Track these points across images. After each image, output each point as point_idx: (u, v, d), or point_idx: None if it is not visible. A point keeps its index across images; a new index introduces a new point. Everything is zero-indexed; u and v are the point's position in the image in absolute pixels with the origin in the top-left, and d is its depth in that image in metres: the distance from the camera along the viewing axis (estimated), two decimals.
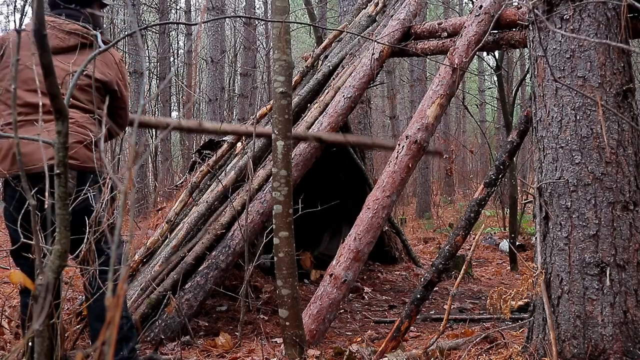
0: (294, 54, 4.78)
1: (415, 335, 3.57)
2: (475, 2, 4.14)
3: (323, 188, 5.43)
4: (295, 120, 4.01)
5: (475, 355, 2.64)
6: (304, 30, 16.38)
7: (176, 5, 14.97)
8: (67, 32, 2.56)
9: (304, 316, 3.05)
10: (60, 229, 1.31)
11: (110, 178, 2.38)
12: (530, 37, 2.60)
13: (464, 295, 5.07)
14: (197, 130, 4.06)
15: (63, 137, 1.27)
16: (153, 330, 3.32)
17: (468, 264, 2.77)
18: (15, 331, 3.02)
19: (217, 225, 3.69)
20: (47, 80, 1.24)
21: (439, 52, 4.33)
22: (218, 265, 3.53)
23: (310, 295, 3.89)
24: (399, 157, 3.50)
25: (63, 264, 1.32)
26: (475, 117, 11.24)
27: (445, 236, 8.61)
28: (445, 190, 16.18)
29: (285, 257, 2.76)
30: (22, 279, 1.59)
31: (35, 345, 1.36)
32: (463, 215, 3.04)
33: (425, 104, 3.64)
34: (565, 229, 2.37)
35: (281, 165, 2.76)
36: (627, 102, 2.38)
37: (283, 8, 2.76)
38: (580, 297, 2.33)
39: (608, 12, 2.38)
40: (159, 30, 12.35)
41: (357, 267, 3.30)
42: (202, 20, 3.22)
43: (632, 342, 2.28)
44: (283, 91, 2.76)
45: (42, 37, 1.21)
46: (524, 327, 2.86)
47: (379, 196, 3.41)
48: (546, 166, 2.46)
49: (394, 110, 14.79)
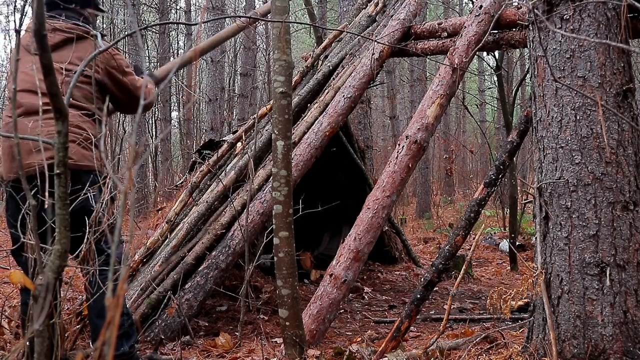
0: (294, 54, 4.78)
1: (415, 335, 3.57)
2: (475, 2, 4.14)
3: (323, 188, 5.43)
4: (295, 120, 4.01)
5: (475, 355, 2.64)
6: (304, 30, 16.37)
7: (176, 5, 14.97)
8: (52, 29, 2.53)
9: (304, 316, 3.05)
10: (60, 229, 1.31)
11: (110, 178, 2.38)
12: (530, 37, 2.60)
13: (464, 295, 5.07)
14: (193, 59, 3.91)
15: (63, 137, 1.27)
16: (153, 330, 3.32)
17: (468, 264, 2.77)
18: (15, 331, 3.02)
19: (217, 225, 3.69)
20: (47, 80, 1.24)
21: (439, 52, 4.32)
22: (218, 265, 3.53)
23: (310, 295, 3.90)
24: (399, 157, 3.50)
25: (63, 264, 1.32)
26: (475, 117, 11.24)
27: (445, 236, 8.61)
28: (445, 190, 16.19)
29: (285, 257, 2.76)
30: (22, 278, 1.59)
31: (35, 345, 1.36)
32: (463, 215, 3.04)
33: (425, 104, 3.64)
34: (565, 229, 2.37)
35: (281, 165, 2.76)
36: (627, 102, 2.38)
37: (283, 8, 2.76)
38: (580, 297, 2.33)
39: (608, 12, 2.38)
40: (159, 30, 12.35)
41: (357, 267, 3.30)
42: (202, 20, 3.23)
43: (632, 342, 2.28)
44: (283, 91, 2.76)
45: (42, 37, 1.21)
46: (524, 327, 2.86)
47: (379, 196, 3.41)
48: (546, 166, 2.46)
49: (394, 110, 14.79)
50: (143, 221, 9.30)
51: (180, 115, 15.82)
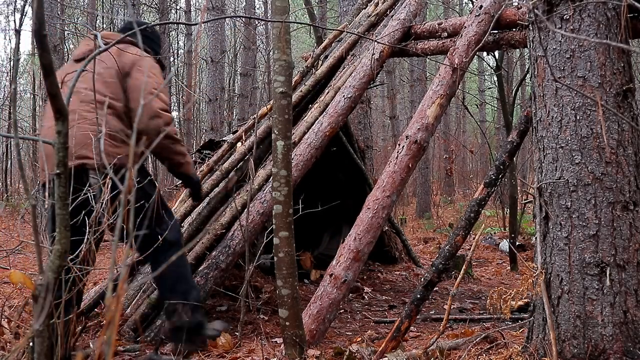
0: (294, 54, 4.78)
1: (415, 335, 3.57)
2: (475, 2, 4.14)
3: (323, 188, 5.43)
4: (295, 120, 4.01)
5: (475, 355, 2.64)
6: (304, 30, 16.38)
7: (176, 5, 14.98)
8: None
9: (304, 316, 3.05)
10: (60, 229, 1.31)
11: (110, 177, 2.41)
12: (530, 37, 2.60)
13: (464, 295, 5.07)
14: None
15: (63, 137, 1.27)
16: (153, 330, 3.32)
17: (468, 264, 2.77)
18: (15, 331, 3.02)
19: (217, 225, 3.69)
20: (47, 80, 1.24)
21: (439, 52, 4.33)
22: (218, 265, 3.53)
23: (310, 295, 3.89)
24: (399, 157, 3.50)
25: (63, 264, 1.32)
26: (475, 117, 11.24)
27: (445, 236, 8.61)
28: (445, 190, 16.19)
29: (285, 257, 2.76)
30: (22, 278, 1.59)
31: (35, 345, 1.36)
32: (463, 215, 3.03)
33: (425, 104, 3.64)
34: (565, 229, 2.37)
35: (281, 165, 2.76)
36: (627, 102, 2.38)
37: (283, 8, 2.76)
38: (580, 297, 2.33)
39: (608, 12, 2.38)
40: (159, 30, 12.35)
41: (357, 267, 3.30)
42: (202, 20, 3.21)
43: (632, 342, 2.28)
44: (283, 91, 2.76)
45: (42, 37, 1.21)
46: (524, 327, 2.86)
47: (379, 196, 3.41)
48: (546, 166, 2.46)
49: (394, 110, 14.79)
50: None
51: (180, 115, 15.82)
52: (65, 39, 13.39)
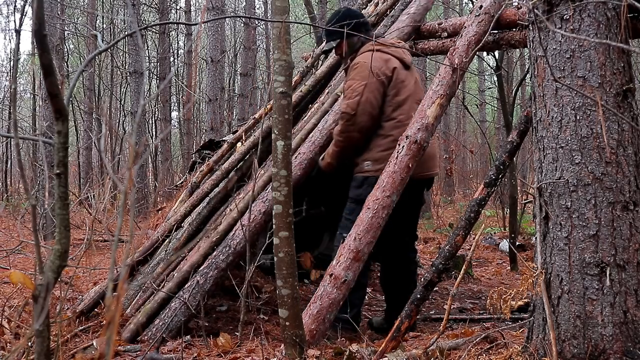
0: (294, 54, 4.78)
1: (415, 335, 3.57)
2: (475, 2, 4.14)
3: (323, 188, 5.42)
4: (295, 120, 4.01)
5: (475, 355, 2.64)
6: (304, 30, 16.37)
7: (176, 5, 14.98)
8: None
9: (304, 316, 3.05)
10: (60, 229, 1.31)
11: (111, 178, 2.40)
12: (530, 37, 2.60)
13: (464, 295, 5.07)
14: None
15: (63, 137, 1.27)
16: (153, 330, 3.32)
17: (468, 264, 2.77)
18: (15, 331, 3.02)
19: (216, 231, 3.69)
20: (47, 80, 1.24)
21: (439, 52, 4.32)
22: (218, 265, 3.53)
23: (310, 295, 3.89)
24: (399, 157, 3.50)
25: (63, 264, 1.32)
26: (475, 117, 11.24)
27: (445, 236, 8.61)
28: (445, 190, 16.18)
29: (285, 257, 2.76)
30: (23, 278, 1.59)
31: (35, 345, 1.36)
32: (463, 215, 3.03)
33: (425, 104, 3.64)
34: (565, 229, 2.37)
35: (281, 165, 2.76)
36: (627, 102, 2.38)
37: (283, 8, 2.76)
38: (580, 297, 2.33)
39: (608, 12, 2.38)
40: (159, 30, 12.35)
41: (357, 267, 3.30)
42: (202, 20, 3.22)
43: (632, 342, 2.28)
44: (283, 91, 2.76)
45: (42, 37, 1.21)
46: (524, 327, 2.86)
47: (379, 196, 3.41)
48: (546, 166, 2.46)
49: None
50: (143, 221, 9.30)
51: (180, 115, 15.82)
52: (65, 39, 13.40)
